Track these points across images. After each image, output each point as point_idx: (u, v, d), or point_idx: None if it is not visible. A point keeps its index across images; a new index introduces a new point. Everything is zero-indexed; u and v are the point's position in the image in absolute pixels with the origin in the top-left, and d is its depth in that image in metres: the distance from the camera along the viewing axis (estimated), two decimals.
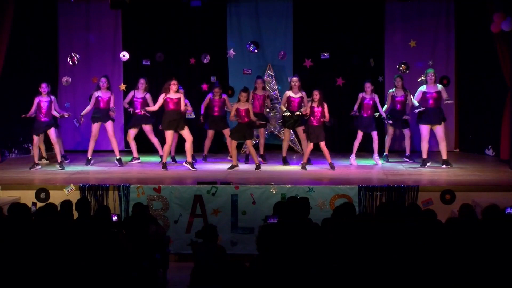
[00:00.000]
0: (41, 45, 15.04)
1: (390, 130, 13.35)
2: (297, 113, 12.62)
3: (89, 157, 13.03)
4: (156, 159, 13.51)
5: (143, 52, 14.92)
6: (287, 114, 12.75)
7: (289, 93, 12.90)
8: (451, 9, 15.02)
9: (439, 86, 12.41)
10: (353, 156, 12.94)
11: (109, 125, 12.92)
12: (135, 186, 10.57)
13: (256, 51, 14.73)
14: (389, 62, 14.93)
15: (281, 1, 15.16)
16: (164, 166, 12.33)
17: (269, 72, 14.95)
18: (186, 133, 12.34)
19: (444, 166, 12.31)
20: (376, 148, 12.85)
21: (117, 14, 15.33)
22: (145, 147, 13.92)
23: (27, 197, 10.31)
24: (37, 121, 12.57)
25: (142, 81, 13.20)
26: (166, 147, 12.34)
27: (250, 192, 10.46)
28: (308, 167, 12.47)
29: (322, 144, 12.22)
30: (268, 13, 15.17)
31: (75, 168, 12.65)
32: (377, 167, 12.68)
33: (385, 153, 13.30)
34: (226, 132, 13.44)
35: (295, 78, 12.96)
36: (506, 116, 12.93)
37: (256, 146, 13.46)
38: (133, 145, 13.27)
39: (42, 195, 10.52)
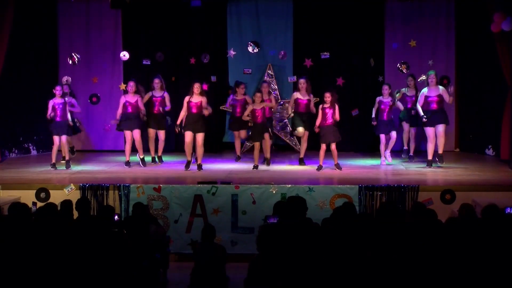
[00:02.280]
0: (41, 45, 15.05)
1: (406, 129, 13.33)
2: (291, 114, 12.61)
3: (128, 160, 12.85)
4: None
5: (143, 51, 14.93)
6: (292, 115, 12.83)
7: (297, 95, 12.84)
8: (451, 9, 15.04)
9: (441, 88, 12.29)
10: (382, 159, 12.89)
11: (136, 133, 12.71)
12: (135, 186, 10.56)
13: (256, 51, 14.74)
14: (389, 62, 14.93)
15: (281, 1, 15.17)
16: (187, 165, 12.25)
17: (269, 72, 14.95)
18: (200, 139, 12.22)
19: (426, 166, 12.27)
20: (391, 146, 12.85)
21: (117, 13, 15.34)
22: (146, 147, 13.89)
23: (27, 196, 10.29)
24: (54, 121, 12.50)
25: (156, 80, 13.05)
26: (187, 147, 12.24)
27: (250, 192, 10.44)
28: (308, 167, 12.48)
29: (333, 146, 12.18)
30: (268, 13, 15.18)
31: (76, 168, 12.64)
32: (378, 166, 12.68)
33: (405, 148, 13.32)
34: (243, 133, 13.43)
35: (302, 80, 12.85)
36: (506, 116, 12.93)
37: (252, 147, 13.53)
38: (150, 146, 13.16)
39: (42, 194, 10.50)
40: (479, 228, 6.66)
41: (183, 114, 12.34)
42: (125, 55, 14.29)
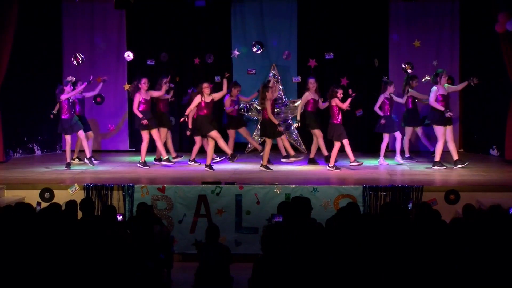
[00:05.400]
0: (45, 45, 15.07)
1: (408, 131, 13.34)
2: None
3: (144, 160, 12.91)
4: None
5: (148, 52, 14.94)
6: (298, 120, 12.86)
7: (310, 95, 12.77)
8: (455, 9, 15.04)
9: (446, 86, 12.33)
10: (381, 158, 12.90)
11: (154, 132, 12.75)
12: (140, 186, 10.56)
13: (260, 51, 14.75)
14: (393, 62, 14.93)
15: (286, 1, 15.18)
16: (209, 167, 12.24)
17: (274, 72, 14.96)
18: (217, 136, 12.22)
19: (458, 166, 12.22)
20: (399, 148, 12.87)
21: (121, 14, 15.38)
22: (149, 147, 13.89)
23: (32, 197, 10.30)
24: (61, 120, 12.51)
25: (165, 80, 13.00)
26: (196, 147, 12.24)
27: (254, 192, 10.44)
28: (312, 167, 12.48)
29: (340, 145, 12.24)
30: (272, 13, 15.19)
31: (80, 168, 12.65)
32: (381, 167, 12.69)
33: (406, 155, 13.33)
34: (243, 131, 13.43)
35: (312, 80, 12.84)
36: (511, 116, 12.91)
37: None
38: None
39: (47, 195, 10.52)
40: (483, 228, 6.65)
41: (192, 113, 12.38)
42: (129, 55, 14.30)
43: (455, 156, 12.30)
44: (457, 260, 5.99)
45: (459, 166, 12.23)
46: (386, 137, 12.89)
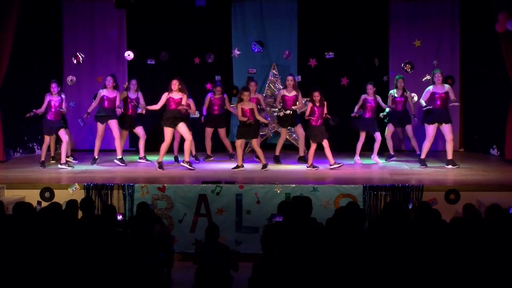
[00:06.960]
0: (45, 44, 15.05)
1: (390, 129, 13.33)
2: (287, 112, 12.71)
3: (96, 157, 13.02)
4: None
5: (148, 51, 14.93)
6: (281, 114, 12.92)
7: (284, 92, 13.01)
8: (456, 8, 15.02)
9: (447, 86, 12.35)
10: (357, 157, 12.97)
11: (113, 123, 12.89)
12: (140, 186, 10.57)
13: (260, 50, 14.75)
14: (393, 61, 14.92)
15: (286, 1, 15.16)
16: (160, 166, 12.26)
17: (274, 71, 14.95)
18: (184, 131, 12.25)
19: (449, 166, 12.28)
20: (377, 149, 12.87)
21: (121, 13, 15.36)
22: (149, 147, 13.89)
23: (32, 196, 10.30)
24: (46, 120, 12.58)
25: (133, 82, 13.22)
26: (164, 145, 12.24)
27: (254, 191, 10.45)
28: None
29: (326, 144, 12.21)
30: (272, 13, 15.17)
31: (80, 168, 12.65)
32: (382, 166, 12.68)
33: (391, 153, 13.31)
34: (222, 131, 13.47)
35: (290, 77, 13.07)
36: (511, 115, 12.91)
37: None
38: (121, 144, 13.13)
39: (47, 194, 10.53)
40: (483, 228, 6.65)
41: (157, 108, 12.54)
42: (129, 54, 14.30)
43: (449, 156, 12.33)
44: (457, 260, 5.99)
45: (450, 166, 12.26)
46: (362, 136, 12.98)
